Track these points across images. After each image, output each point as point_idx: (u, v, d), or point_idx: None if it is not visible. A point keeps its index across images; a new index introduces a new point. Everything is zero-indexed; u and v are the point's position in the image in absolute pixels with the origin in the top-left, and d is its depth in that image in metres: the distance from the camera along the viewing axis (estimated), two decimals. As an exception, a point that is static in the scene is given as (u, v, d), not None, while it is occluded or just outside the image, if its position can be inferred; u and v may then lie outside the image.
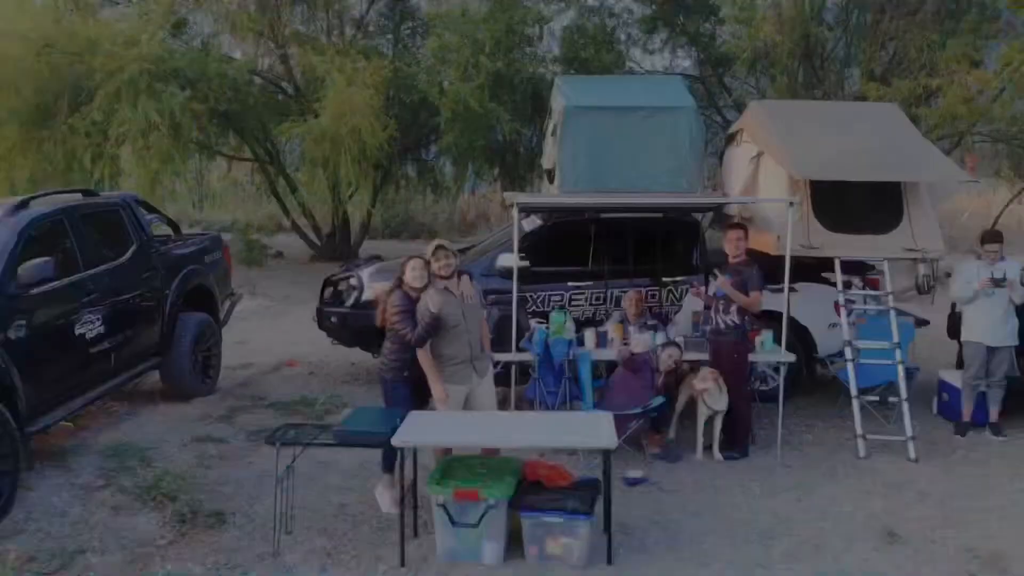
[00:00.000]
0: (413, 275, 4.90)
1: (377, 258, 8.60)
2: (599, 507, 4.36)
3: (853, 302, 6.56)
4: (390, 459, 4.76)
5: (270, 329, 10.51)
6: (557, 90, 8.01)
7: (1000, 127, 13.42)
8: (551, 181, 7.99)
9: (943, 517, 4.92)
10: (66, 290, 5.46)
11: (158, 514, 4.78)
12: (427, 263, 4.95)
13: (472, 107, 13.26)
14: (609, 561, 4.24)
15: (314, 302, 8.12)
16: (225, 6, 14.51)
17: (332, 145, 12.72)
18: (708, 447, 5.85)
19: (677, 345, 5.98)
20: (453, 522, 4.22)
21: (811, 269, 6.84)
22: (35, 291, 5.14)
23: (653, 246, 7.28)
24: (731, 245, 5.87)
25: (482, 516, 4.19)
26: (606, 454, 4.34)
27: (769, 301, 6.18)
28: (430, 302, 4.75)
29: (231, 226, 24.02)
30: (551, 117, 8.09)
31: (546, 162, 8.22)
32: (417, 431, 4.42)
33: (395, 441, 4.24)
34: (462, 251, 8.18)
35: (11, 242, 5.18)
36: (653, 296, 7.24)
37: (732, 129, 8.13)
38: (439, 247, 4.98)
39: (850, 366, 6.13)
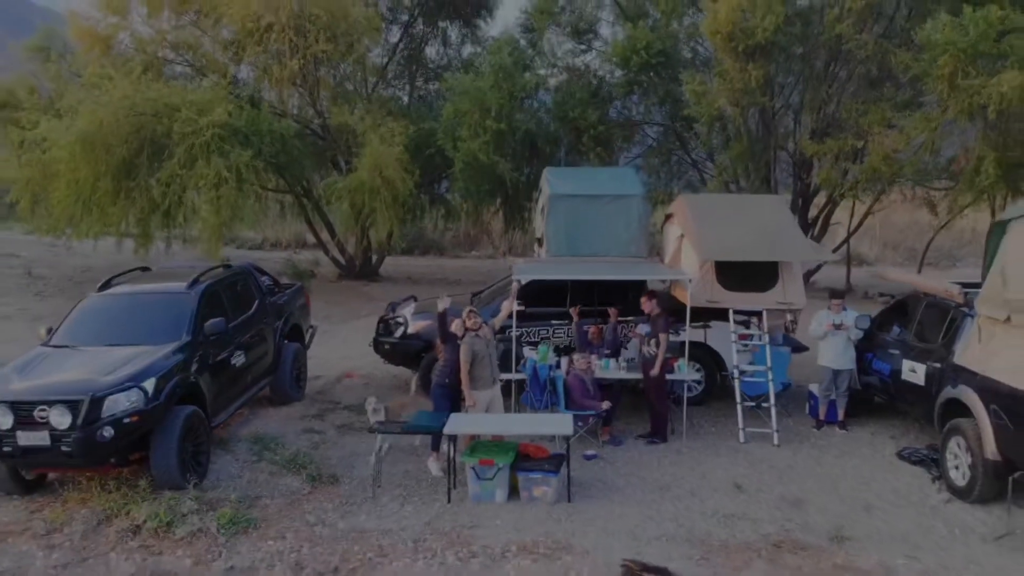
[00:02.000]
0: (460, 323, 8.06)
1: (413, 298, 11.74)
2: (564, 470, 7.54)
3: (750, 336, 9.75)
4: (437, 442, 7.96)
5: (323, 346, 13.52)
6: (545, 179, 11.26)
7: (912, 177, 16.61)
8: (540, 246, 11.22)
9: (778, 479, 8.11)
10: (226, 335, 8.63)
11: (297, 476, 7.99)
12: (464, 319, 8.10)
13: (480, 159, 16.49)
14: (569, 500, 7.43)
15: (352, 322, 11.29)
16: (264, 60, 17.43)
17: (369, 194, 15.91)
18: (640, 436, 9.06)
19: (584, 358, 9.08)
20: (478, 478, 7.42)
21: (723, 312, 9.98)
22: (213, 337, 8.33)
23: (611, 295, 10.42)
24: (646, 307, 9.04)
25: (495, 474, 7.39)
26: (567, 439, 7.55)
27: (692, 335, 9.39)
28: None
29: (262, 243, 27.31)
30: (540, 199, 11.31)
31: (537, 232, 11.46)
32: (458, 425, 7.62)
33: (446, 431, 7.45)
34: (475, 294, 11.39)
35: (195, 306, 8.37)
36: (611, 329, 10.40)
37: (668, 211, 11.29)
38: (471, 311, 8.14)
39: (736, 382, 9.33)
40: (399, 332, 10.61)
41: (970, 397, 7.55)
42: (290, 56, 16.42)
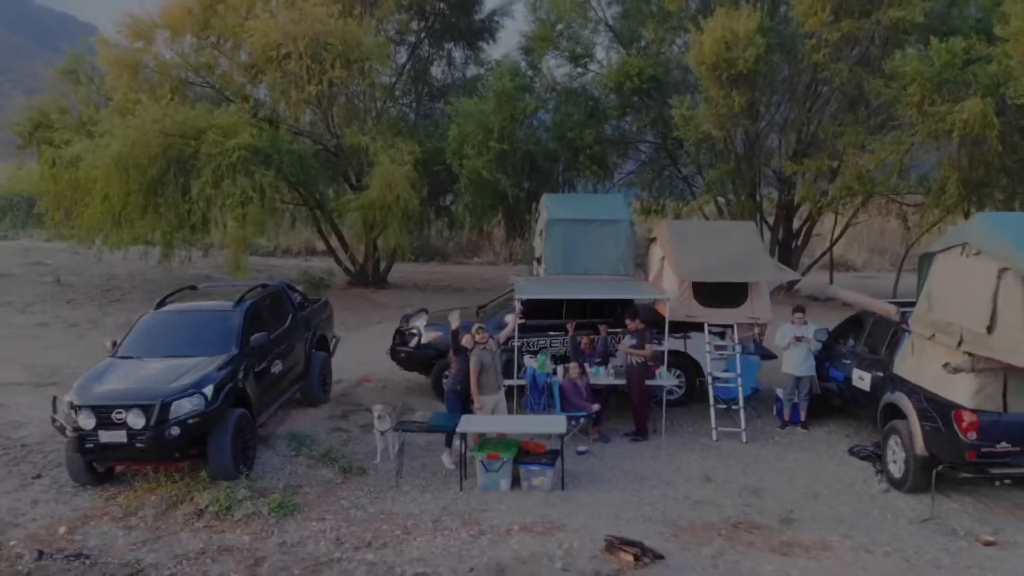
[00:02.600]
0: (470, 338, 9.44)
1: (424, 311, 13.11)
2: (559, 463, 8.91)
3: (724, 347, 11.13)
4: (450, 439, 9.34)
5: (339, 353, 14.91)
6: (543, 205, 12.66)
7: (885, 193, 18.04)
8: (539, 264, 12.60)
9: (742, 472, 9.49)
10: (268, 347, 10.00)
11: (330, 468, 9.37)
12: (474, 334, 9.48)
13: (484, 176, 17.87)
14: (563, 488, 8.81)
15: (365, 328, 12.67)
16: (283, 83, 18.74)
17: (380, 210, 17.30)
18: (625, 434, 10.45)
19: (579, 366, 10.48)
20: (486, 470, 8.80)
21: (701, 324, 11.31)
22: (257, 349, 9.70)
23: (602, 309, 11.78)
24: (630, 327, 10.41)
25: (500, 467, 8.77)
26: (561, 437, 8.93)
27: (673, 344, 10.79)
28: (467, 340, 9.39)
29: (274, 250, 28.68)
30: (539, 222, 12.69)
31: (536, 251, 12.85)
32: (469, 424, 9.01)
33: (459, 430, 8.84)
34: (481, 307, 12.75)
35: (241, 322, 9.74)
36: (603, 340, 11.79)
37: (652, 235, 12.67)
38: (480, 327, 9.52)
39: (710, 388, 10.71)
40: (413, 342, 11.99)
41: (904, 402, 8.94)
42: (307, 81, 17.78)
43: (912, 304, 9.31)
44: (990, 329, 7.56)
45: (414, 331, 12.07)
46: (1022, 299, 7.26)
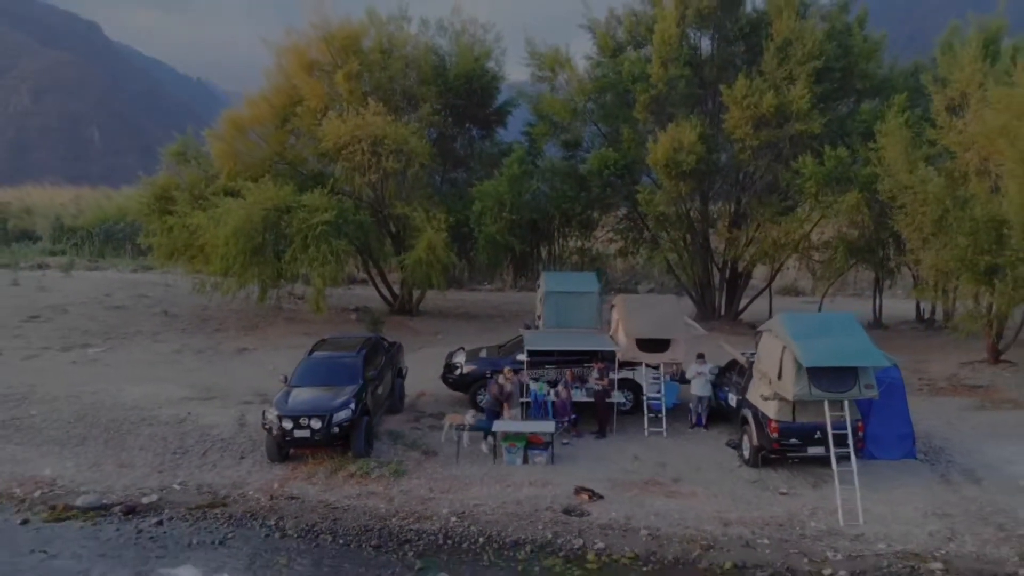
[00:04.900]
0: (504, 380, 16.61)
1: (462, 348, 20.19)
2: (551, 449, 16.03)
3: (656, 377, 18.23)
4: (486, 435, 16.47)
5: (399, 373, 22.06)
6: (543, 280, 19.88)
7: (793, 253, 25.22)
8: (539, 319, 19.80)
9: (658, 454, 16.61)
10: (375, 378, 17.10)
11: (416, 451, 16.50)
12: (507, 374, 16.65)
13: (498, 239, 24.97)
14: (552, 463, 15.94)
15: (409, 354, 19.72)
16: (348, 170, 25.76)
17: (424, 266, 24.39)
18: (592, 433, 17.60)
19: (566, 386, 17.60)
20: (508, 452, 15.93)
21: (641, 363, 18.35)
22: (371, 378, 16.82)
23: (581, 352, 18.79)
24: (596, 366, 17.50)
25: (516, 451, 15.92)
26: (552, 434, 16.12)
27: (623, 374, 17.90)
28: (503, 384, 16.55)
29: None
30: (540, 291, 19.88)
31: (537, 311, 20.05)
32: (498, 426, 16.19)
33: (493, 429, 16.02)
34: (500, 347, 19.84)
35: (362, 363, 16.88)
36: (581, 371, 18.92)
37: (611, 303, 19.77)
38: (509, 370, 16.67)
39: (645, 402, 17.83)
40: (457, 372, 19.12)
41: (748, 415, 16.03)
42: (368, 169, 24.82)
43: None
44: (780, 377, 14.66)
45: (456, 364, 19.20)
46: (792, 363, 14.35)
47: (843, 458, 14.19)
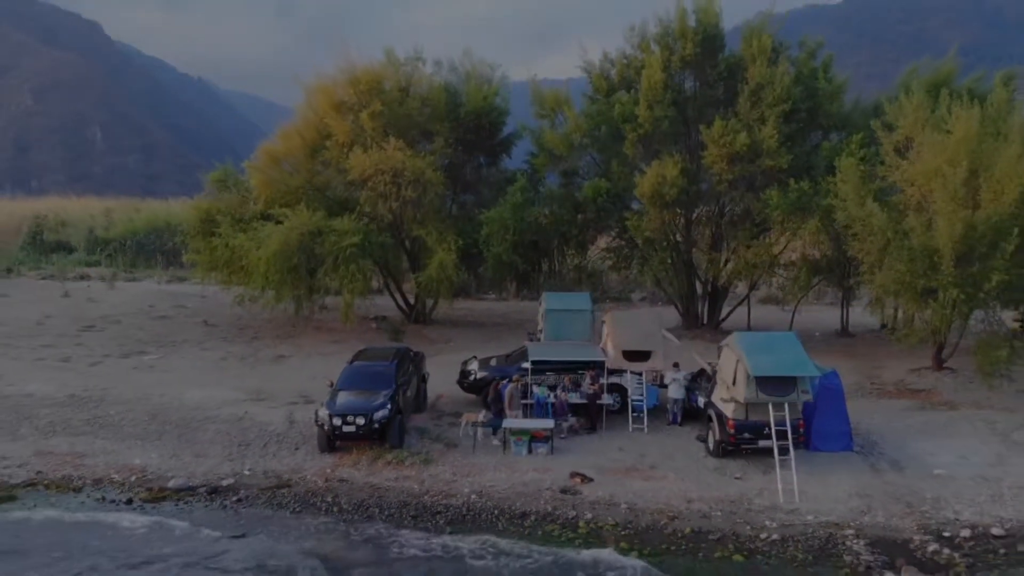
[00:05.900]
0: (512, 389, 20.44)
1: (475, 356, 23.99)
2: (550, 442, 19.83)
3: (640, 382, 22.04)
4: (497, 430, 20.27)
5: (419, 378, 25.83)
6: (544, 299, 23.77)
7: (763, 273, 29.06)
8: (540, 333, 23.65)
9: (640, 447, 20.41)
10: (406, 382, 20.91)
11: (440, 443, 20.30)
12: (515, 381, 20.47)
13: (503, 259, 28.79)
14: (551, 453, 19.75)
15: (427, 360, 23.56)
16: (372, 197, 29.52)
17: (436, 283, 28.22)
18: (585, 429, 21.42)
19: (563, 389, 21.41)
20: (516, 444, 19.75)
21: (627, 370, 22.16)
22: (402, 382, 20.63)
23: (577, 360, 22.60)
24: (589, 373, 21.33)
25: (522, 443, 19.73)
26: (551, 430, 19.95)
27: (612, 379, 21.71)
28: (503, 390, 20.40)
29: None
30: (541, 308, 23.73)
31: (539, 326, 23.90)
32: (507, 424, 20.00)
33: (504, 426, 19.83)
34: (508, 356, 23.66)
35: (395, 370, 20.71)
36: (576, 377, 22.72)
37: (602, 319, 23.59)
38: (518, 378, 20.50)
39: (630, 403, 21.64)
40: (471, 377, 22.93)
41: (712, 413, 19.82)
42: (389, 197, 28.58)
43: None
44: (735, 383, 18.47)
45: (471, 371, 23.01)
46: (743, 373, 18.16)
47: (785, 449, 17.99)
